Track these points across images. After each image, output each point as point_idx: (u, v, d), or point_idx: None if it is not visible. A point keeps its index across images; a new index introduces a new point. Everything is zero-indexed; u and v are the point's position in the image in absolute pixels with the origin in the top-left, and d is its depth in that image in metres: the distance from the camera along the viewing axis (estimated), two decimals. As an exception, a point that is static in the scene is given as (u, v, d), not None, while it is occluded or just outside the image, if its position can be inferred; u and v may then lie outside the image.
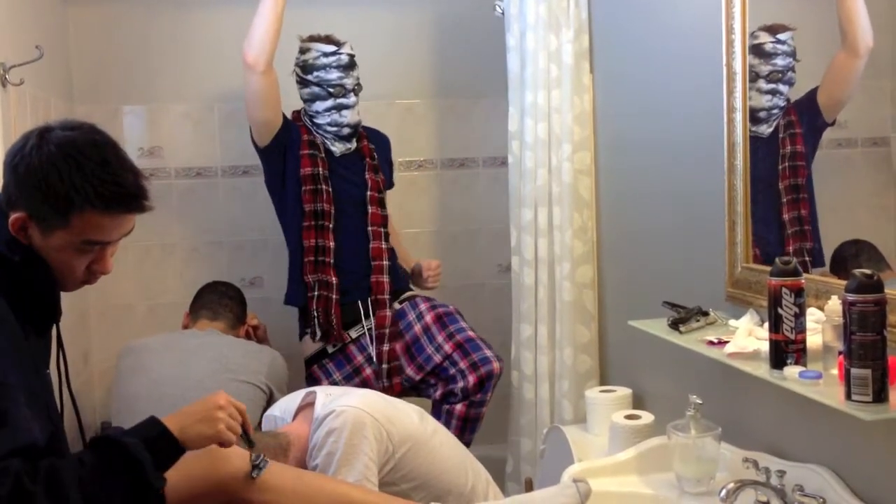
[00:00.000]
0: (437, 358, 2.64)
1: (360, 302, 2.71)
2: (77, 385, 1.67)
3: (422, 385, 2.71)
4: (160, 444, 1.41)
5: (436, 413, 2.62)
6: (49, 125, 1.44)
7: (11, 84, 2.20)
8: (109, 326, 3.12)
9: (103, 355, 3.05)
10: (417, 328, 2.71)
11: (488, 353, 2.61)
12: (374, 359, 2.67)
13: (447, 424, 2.56)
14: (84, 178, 1.38)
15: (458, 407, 2.60)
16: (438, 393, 2.65)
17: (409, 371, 2.69)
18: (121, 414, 2.44)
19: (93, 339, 3.10)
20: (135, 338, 2.68)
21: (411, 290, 2.85)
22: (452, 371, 2.61)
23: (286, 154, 2.71)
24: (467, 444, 2.54)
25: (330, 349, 2.69)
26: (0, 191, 1.45)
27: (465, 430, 2.59)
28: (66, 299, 1.53)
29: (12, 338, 1.39)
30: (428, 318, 2.70)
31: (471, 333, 2.66)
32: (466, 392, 2.59)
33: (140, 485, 1.36)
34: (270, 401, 2.44)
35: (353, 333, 2.70)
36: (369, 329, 2.70)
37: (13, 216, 1.40)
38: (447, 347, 2.63)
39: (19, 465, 1.27)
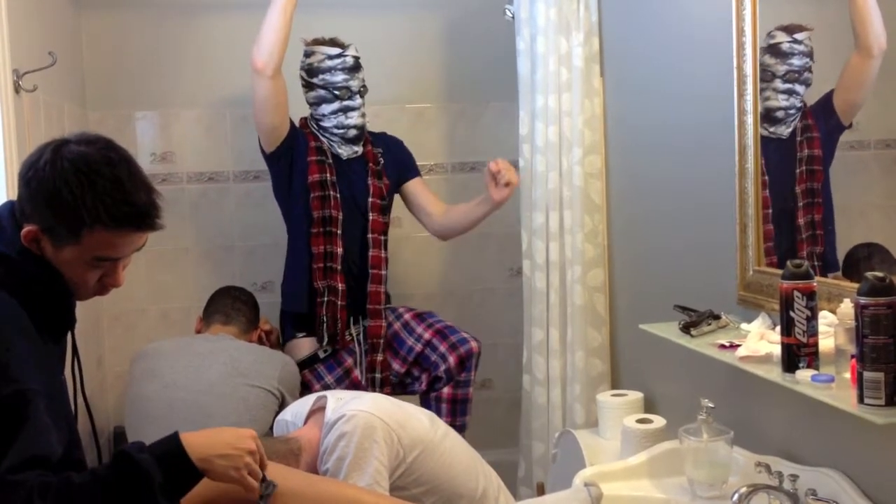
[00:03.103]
0: (418, 347, 2.71)
1: (354, 313, 2.74)
2: (90, 389, 1.68)
3: (407, 379, 2.76)
4: (176, 465, 1.37)
5: (425, 404, 2.67)
6: (65, 139, 1.44)
7: (25, 90, 2.21)
8: (122, 331, 3.13)
9: (116, 360, 3.07)
10: (397, 325, 2.78)
11: (465, 334, 2.70)
12: (365, 367, 2.71)
13: (438, 412, 2.60)
14: (95, 196, 1.38)
15: (445, 391, 2.67)
16: (423, 384, 2.71)
17: (395, 365, 2.75)
18: (133, 418, 2.45)
19: (105, 343, 3.12)
20: (147, 342, 2.69)
21: (391, 304, 2.87)
22: (434, 357, 2.68)
23: (293, 160, 2.72)
24: (461, 429, 2.59)
25: (321, 354, 2.71)
26: (16, 200, 1.46)
27: (456, 413, 2.66)
28: (79, 304, 1.54)
29: (32, 344, 1.39)
30: (406, 316, 2.80)
31: (448, 322, 2.76)
32: (450, 373, 2.65)
33: (147, 501, 1.33)
34: (282, 405, 2.44)
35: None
36: (358, 335, 2.73)
37: (26, 228, 1.41)
38: (427, 335, 2.71)
39: (35, 480, 1.26)
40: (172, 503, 1.37)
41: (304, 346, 2.73)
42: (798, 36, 1.80)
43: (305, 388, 2.65)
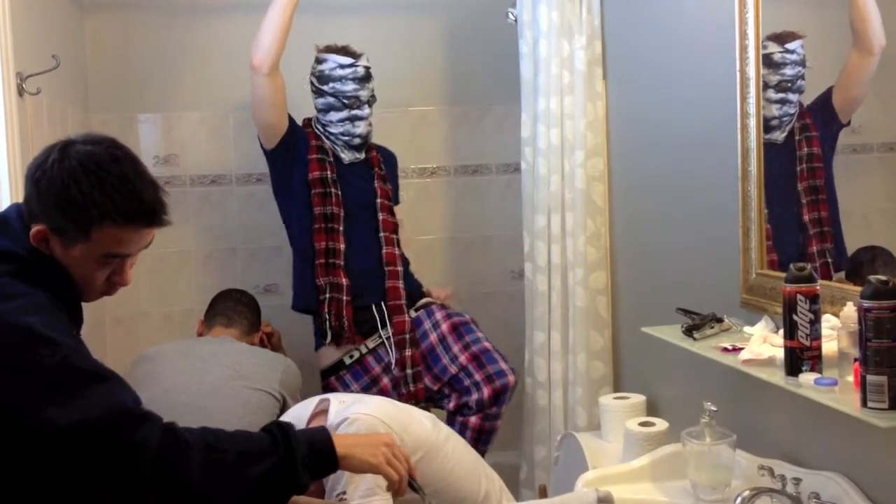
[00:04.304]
0: (453, 369, 2.65)
1: (374, 307, 2.72)
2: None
3: (437, 395, 2.71)
4: (321, 446, 1.48)
5: (450, 424, 2.61)
6: (71, 139, 1.46)
7: (28, 93, 2.22)
8: (124, 333, 3.14)
9: (118, 362, 3.03)
10: (433, 337, 2.71)
11: (503, 365, 2.61)
12: (395, 365, 2.68)
13: (461, 436, 2.56)
14: (104, 193, 1.40)
15: (473, 419, 2.60)
16: (452, 404, 2.66)
17: (427, 381, 2.70)
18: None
19: (108, 346, 3.12)
20: (149, 345, 2.69)
21: (425, 297, 2.86)
22: (467, 382, 2.62)
23: (294, 158, 2.72)
24: (480, 455, 2.54)
25: (347, 360, 2.70)
26: (23, 202, 1.48)
27: (479, 441, 2.59)
28: (83, 307, 1.54)
29: (68, 324, 1.42)
30: (444, 326, 2.71)
31: (486, 344, 2.66)
32: (481, 404, 2.59)
33: (287, 472, 1.41)
34: (283, 408, 2.44)
35: (370, 343, 2.71)
36: (387, 338, 2.70)
37: (35, 228, 1.43)
38: (463, 358, 2.64)
39: (160, 418, 1.37)
40: (307, 482, 1.45)
41: (330, 353, 2.72)
42: (790, 45, 1.80)
43: None
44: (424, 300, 2.82)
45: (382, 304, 2.72)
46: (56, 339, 1.32)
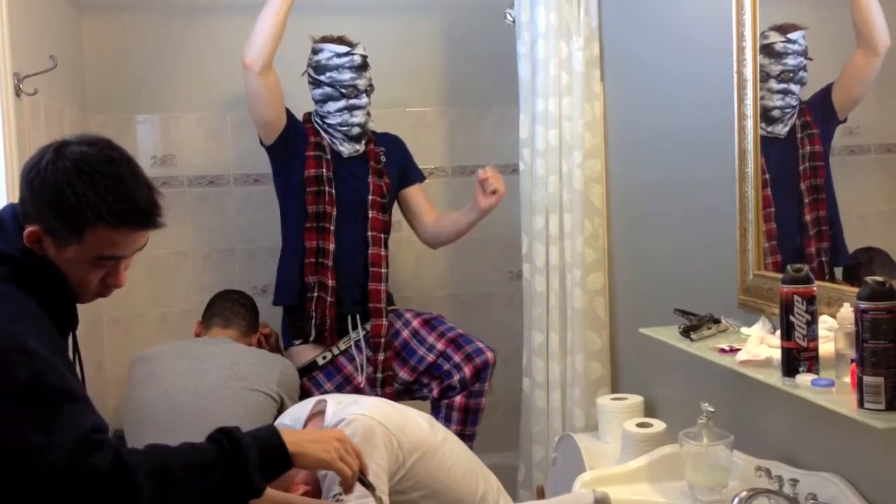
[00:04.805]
0: (431, 357, 2.70)
1: (350, 315, 2.73)
2: (90, 393, 1.67)
3: (415, 386, 2.75)
4: (271, 446, 1.44)
5: (436, 411, 2.66)
6: (66, 140, 1.45)
7: (25, 94, 2.21)
8: (122, 334, 3.13)
9: (116, 363, 3.07)
10: (405, 333, 2.76)
11: (480, 344, 2.69)
12: (368, 366, 2.69)
13: (448, 419, 2.60)
14: (97, 194, 1.39)
15: (458, 399, 2.66)
16: (435, 391, 2.70)
17: (403, 374, 2.73)
18: (133, 422, 2.45)
19: (105, 347, 3.12)
20: (147, 345, 2.69)
21: (394, 304, 2.87)
22: (447, 367, 2.67)
23: (292, 155, 2.73)
24: (470, 438, 2.57)
25: (320, 361, 2.71)
26: (17, 202, 1.47)
27: (467, 422, 2.64)
28: (80, 308, 1.54)
29: (51, 333, 1.41)
30: (415, 323, 2.77)
31: (460, 330, 2.73)
32: (465, 383, 2.64)
33: (239, 478, 1.38)
34: (281, 409, 2.44)
35: (342, 345, 2.72)
36: (357, 341, 2.71)
37: (28, 229, 1.42)
38: (440, 345, 2.69)
39: (115, 441, 1.32)
40: (262, 485, 1.42)
41: (303, 353, 2.73)
42: (792, 35, 1.80)
43: (305, 397, 2.64)
44: (392, 307, 2.83)
45: (358, 312, 2.73)
46: (36, 352, 1.30)
